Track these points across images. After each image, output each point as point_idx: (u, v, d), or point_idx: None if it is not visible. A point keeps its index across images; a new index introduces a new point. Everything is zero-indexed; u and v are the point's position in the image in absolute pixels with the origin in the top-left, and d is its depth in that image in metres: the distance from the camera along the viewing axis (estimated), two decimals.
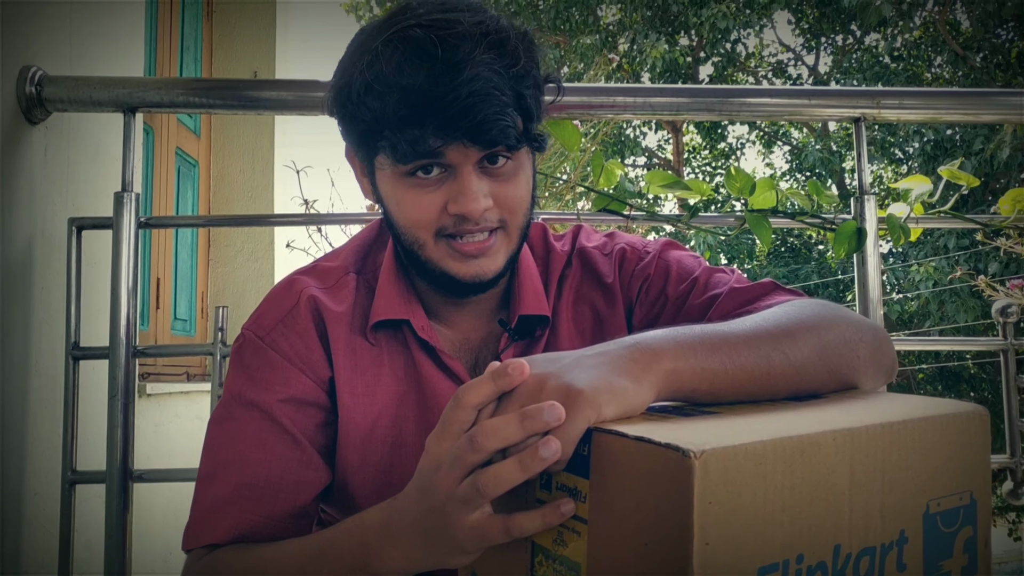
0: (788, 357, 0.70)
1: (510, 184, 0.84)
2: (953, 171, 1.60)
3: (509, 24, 0.82)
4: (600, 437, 0.57)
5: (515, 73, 0.79)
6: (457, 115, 0.76)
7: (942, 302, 10.35)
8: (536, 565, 0.62)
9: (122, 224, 1.45)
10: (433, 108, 0.76)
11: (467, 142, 0.79)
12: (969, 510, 0.65)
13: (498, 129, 0.78)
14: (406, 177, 0.83)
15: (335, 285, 0.93)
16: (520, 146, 0.83)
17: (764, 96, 1.62)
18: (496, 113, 0.77)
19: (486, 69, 0.77)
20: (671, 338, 0.66)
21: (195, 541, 0.84)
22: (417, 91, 0.76)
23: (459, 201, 0.81)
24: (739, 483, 0.52)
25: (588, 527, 0.57)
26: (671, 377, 0.63)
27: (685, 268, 0.95)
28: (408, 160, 0.80)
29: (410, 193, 0.83)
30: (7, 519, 1.42)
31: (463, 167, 0.81)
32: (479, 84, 0.76)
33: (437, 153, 0.79)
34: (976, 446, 0.66)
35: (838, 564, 0.57)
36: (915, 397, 0.70)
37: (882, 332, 0.81)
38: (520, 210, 0.86)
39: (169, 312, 2.97)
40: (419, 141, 0.78)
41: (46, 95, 1.48)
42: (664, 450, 0.52)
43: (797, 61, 14.15)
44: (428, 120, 0.77)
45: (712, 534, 0.50)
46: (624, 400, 0.59)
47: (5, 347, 1.41)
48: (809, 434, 0.56)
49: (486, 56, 0.77)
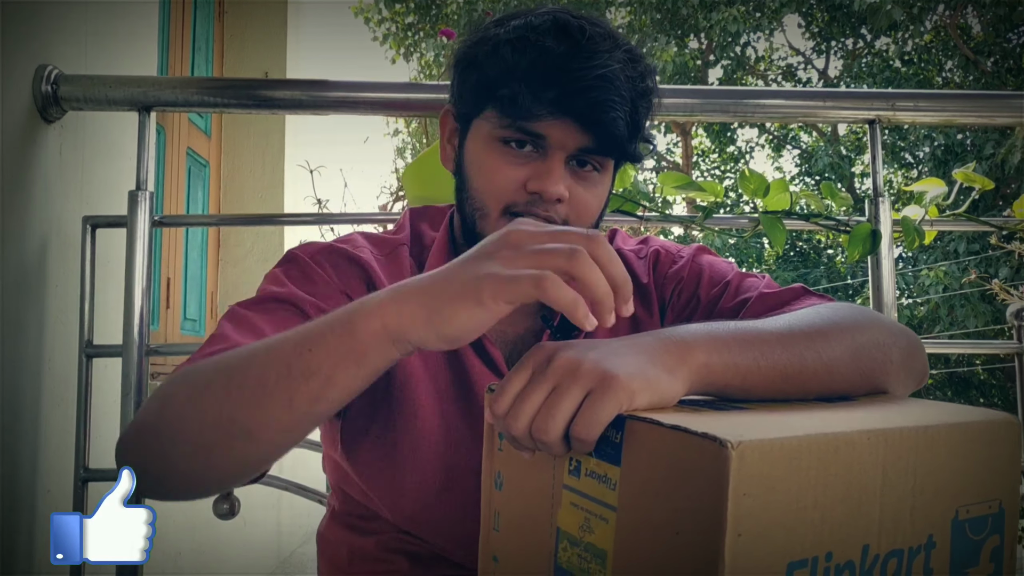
0: (821, 357, 0.69)
1: (589, 192, 0.87)
2: (968, 174, 1.60)
3: (643, 52, 0.88)
4: (633, 424, 0.57)
5: (639, 87, 0.84)
6: (581, 90, 0.79)
7: (952, 307, 10.30)
8: (560, 551, 0.62)
9: (136, 223, 1.45)
10: (562, 76, 0.80)
11: (576, 122, 0.81)
12: (997, 518, 0.65)
13: (610, 117, 0.80)
14: (498, 144, 0.85)
15: (390, 254, 0.94)
16: (615, 153, 0.86)
17: (779, 98, 1.62)
18: (613, 102, 0.80)
19: (618, 66, 0.81)
20: (705, 332, 0.66)
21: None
22: (554, 56, 0.80)
23: (542, 180, 0.83)
24: (774, 477, 0.51)
25: (617, 514, 0.57)
26: (704, 370, 0.63)
27: (718, 272, 0.96)
28: (518, 117, 0.82)
29: (497, 160, 0.85)
30: (20, 516, 1.42)
31: (556, 152, 0.84)
32: (608, 72, 0.80)
33: (541, 129, 0.82)
34: (1006, 455, 0.65)
35: (866, 564, 0.56)
36: (945, 404, 0.70)
37: (914, 337, 0.81)
38: (587, 217, 0.88)
39: (179, 312, 2.98)
40: (537, 103, 0.80)
41: (62, 94, 1.48)
42: (700, 439, 0.51)
43: (807, 65, 14.13)
44: (553, 85, 0.80)
45: (745, 526, 0.50)
46: (657, 389, 0.59)
47: (19, 344, 1.42)
48: (844, 432, 0.56)
49: (621, 56, 0.82)
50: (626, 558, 0.56)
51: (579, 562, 0.60)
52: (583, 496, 0.60)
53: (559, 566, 0.62)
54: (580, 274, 0.58)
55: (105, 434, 1.56)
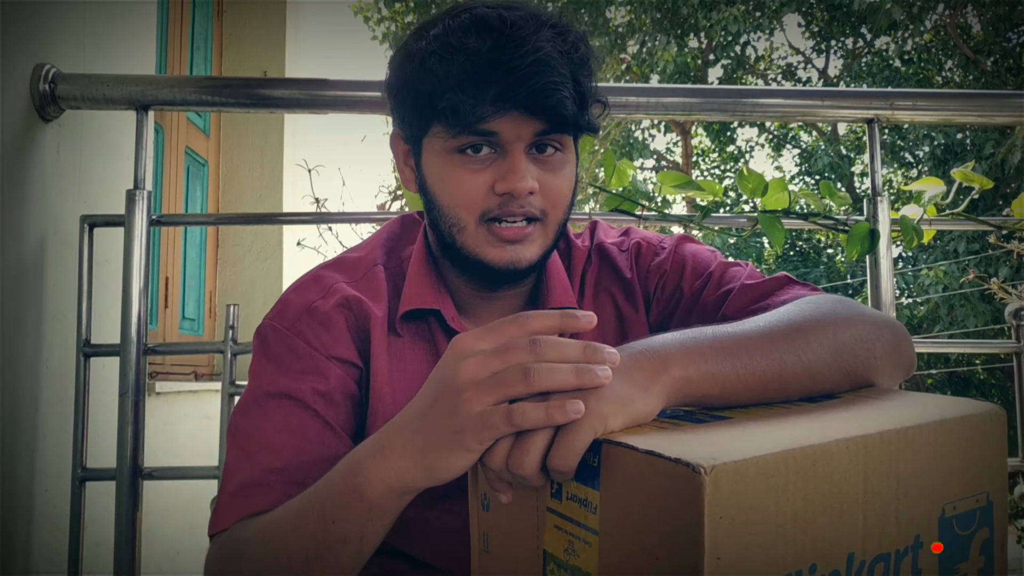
0: (801, 359, 0.69)
1: (556, 176, 0.86)
2: (967, 173, 1.59)
3: (568, 20, 0.85)
4: (609, 449, 0.56)
5: (574, 58, 0.82)
6: (518, 81, 0.78)
7: (951, 307, 10.30)
8: (548, 573, 0.61)
9: (134, 221, 1.45)
10: (496, 73, 0.78)
11: (524, 112, 0.80)
12: (986, 512, 0.64)
13: (556, 99, 0.79)
14: (455, 155, 0.84)
15: (364, 277, 0.93)
16: (571, 130, 0.84)
17: (777, 97, 1.62)
18: (555, 83, 0.79)
19: (548, 46, 0.79)
20: (680, 343, 0.65)
21: (218, 525, 0.82)
22: (483, 55, 0.79)
23: (507, 179, 0.82)
24: (750, 497, 0.51)
25: (599, 538, 0.57)
26: (681, 383, 0.62)
27: (700, 262, 0.95)
28: (465, 126, 0.81)
29: (458, 171, 0.84)
30: (17, 516, 1.42)
31: (514, 146, 0.82)
32: (542, 55, 0.78)
33: (491, 127, 0.81)
34: (993, 447, 0.65)
35: (852, 572, 0.56)
36: (930, 396, 0.69)
37: (900, 328, 0.80)
38: (561, 204, 0.87)
39: (177, 311, 2.98)
40: (479, 105, 0.79)
41: (60, 92, 1.48)
42: (674, 465, 0.51)
43: (807, 64, 14.13)
44: (490, 84, 0.78)
45: (724, 548, 0.50)
46: (631, 410, 0.59)
47: (17, 343, 1.42)
48: (822, 443, 0.55)
49: (548, 34, 0.80)
50: None
51: None
52: (566, 519, 0.60)
53: None
54: (542, 387, 0.58)
55: (103, 433, 1.56)
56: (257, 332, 0.91)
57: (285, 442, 0.82)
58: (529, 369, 0.57)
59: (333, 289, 0.90)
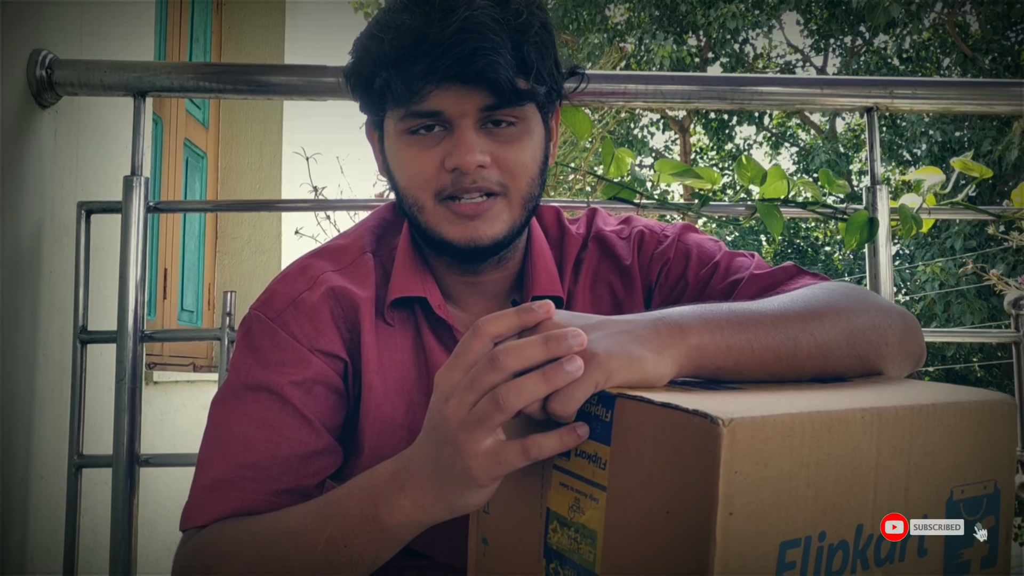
0: (815, 338, 0.68)
1: (512, 147, 0.84)
2: (966, 162, 1.59)
3: None
4: (624, 403, 0.56)
5: (515, 25, 0.80)
6: (444, 51, 0.77)
7: (948, 303, 10.32)
8: (550, 532, 0.61)
9: (131, 208, 1.44)
10: (426, 44, 0.78)
11: (463, 85, 0.79)
12: (993, 499, 0.64)
13: (484, 64, 0.78)
14: (407, 135, 0.84)
15: (351, 265, 0.92)
16: (517, 100, 0.82)
17: (777, 85, 1.61)
18: (483, 49, 0.78)
19: (480, 13, 0.78)
20: (698, 314, 0.65)
21: (191, 521, 0.81)
22: (413, 29, 0.79)
23: (454, 154, 0.82)
24: (766, 454, 0.51)
25: (607, 494, 0.56)
26: (696, 352, 0.62)
27: (706, 252, 0.94)
28: (403, 103, 0.81)
29: (410, 151, 0.85)
30: (13, 503, 1.41)
31: (461, 122, 0.82)
32: (469, 23, 0.77)
33: (434, 105, 0.81)
34: (1002, 435, 0.64)
35: (859, 544, 0.56)
36: (941, 384, 0.69)
37: (911, 318, 0.80)
38: (523, 175, 0.86)
39: (176, 302, 2.98)
40: (411, 81, 0.79)
41: (56, 78, 1.47)
42: (692, 417, 0.51)
43: (805, 62, 14.14)
44: (419, 58, 0.78)
45: (737, 504, 0.50)
46: (639, 369, 0.59)
47: (13, 330, 1.41)
48: (838, 410, 0.55)
49: (483, 3, 0.79)
50: (617, 538, 0.56)
51: (569, 543, 0.59)
52: (573, 476, 0.60)
53: (550, 547, 0.61)
54: (517, 407, 0.57)
55: (99, 421, 1.55)
56: (243, 321, 0.91)
57: (261, 437, 0.82)
58: (496, 396, 0.57)
59: (320, 279, 0.90)
